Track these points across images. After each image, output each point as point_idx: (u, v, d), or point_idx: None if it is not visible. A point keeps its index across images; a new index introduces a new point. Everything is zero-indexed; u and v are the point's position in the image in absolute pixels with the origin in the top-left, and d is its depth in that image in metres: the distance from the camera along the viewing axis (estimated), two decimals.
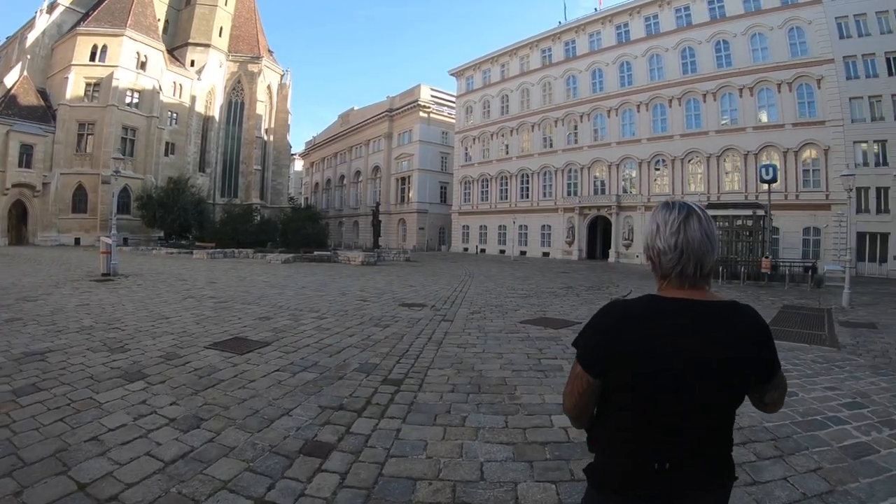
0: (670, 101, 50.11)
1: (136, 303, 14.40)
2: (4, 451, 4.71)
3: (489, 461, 4.89)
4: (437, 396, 6.78)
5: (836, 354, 10.32)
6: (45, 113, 59.39)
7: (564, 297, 19.26)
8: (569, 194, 58.00)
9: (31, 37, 64.18)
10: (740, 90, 45.70)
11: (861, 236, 38.63)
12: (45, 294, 15.80)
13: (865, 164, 39.61)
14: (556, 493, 4.36)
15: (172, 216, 55.67)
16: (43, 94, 61.63)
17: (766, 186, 34.27)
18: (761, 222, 31.47)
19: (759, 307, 17.03)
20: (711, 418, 1.86)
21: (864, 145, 40.60)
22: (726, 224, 32.31)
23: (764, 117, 44.86)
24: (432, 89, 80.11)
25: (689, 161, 48.96)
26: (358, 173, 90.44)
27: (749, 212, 32.83)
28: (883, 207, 39.44)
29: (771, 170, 34.58)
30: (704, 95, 47.95)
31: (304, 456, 4.87)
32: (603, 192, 55.31)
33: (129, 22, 62.61)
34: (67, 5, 66.34)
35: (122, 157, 25.32)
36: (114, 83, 60.71)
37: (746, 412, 6.04)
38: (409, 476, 4.56)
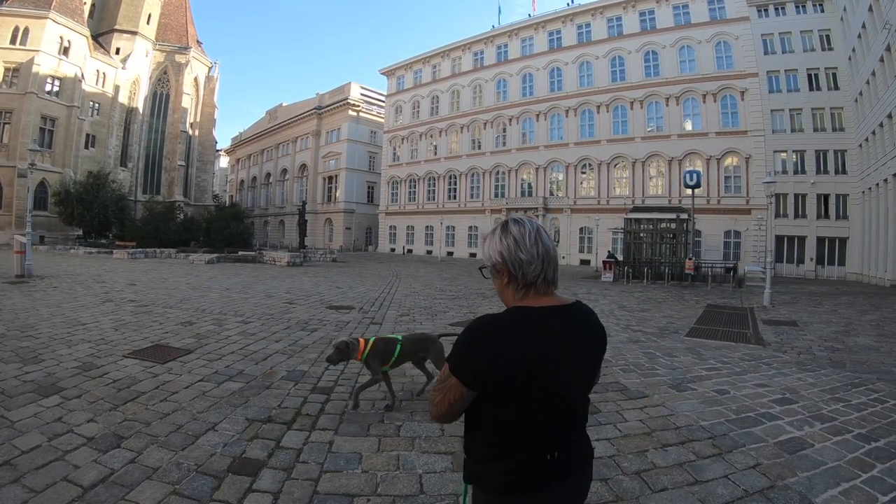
0: (598, 107, 51.30)
1: (51, 307, 13.79)
2: None
3: (428, 472, 4.84)
4: (369, 405, 6.65)
5: (763, 352, 10.71)
6: None
7: (493, 298, 19.12)
8: (496, 196, 58.72)
9: None
10: (667, 99, 47.19)
11: (780, 239, 40.36)
12: None
13: (784, 171, 41.43)
14: None
15: (92, 213, 53.37)
16: None
17: (689, 191, 35.22)
18: (685, 225, 32.26)
19: (683, 307, 17.80)
20: (584, 404, 2.19)
21: (783, 154, 42.53)
22: (651, 227, 33.36)
23: (689, 126, 46.31)
24: (363, 88, 80.00)
25: (616, 165, 50.19)
26: (285, 171, 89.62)
27: (673, 215, 33.73)
28: (800, 212, 41.69)
29: (695, 176, 35.52)
30: (632, 103, 49.26)
31: (232, 475, 4.69)
32: (530, 194, 56.14)
33: (53, 4, 59.34)
34: None
35: (39, 148, 24.14)
36: (34, 69, 57.63)
37: (682, 411, 6.64)
38: (345, 493, 4.44)
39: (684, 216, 32.95)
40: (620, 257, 34.74)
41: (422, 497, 4.42)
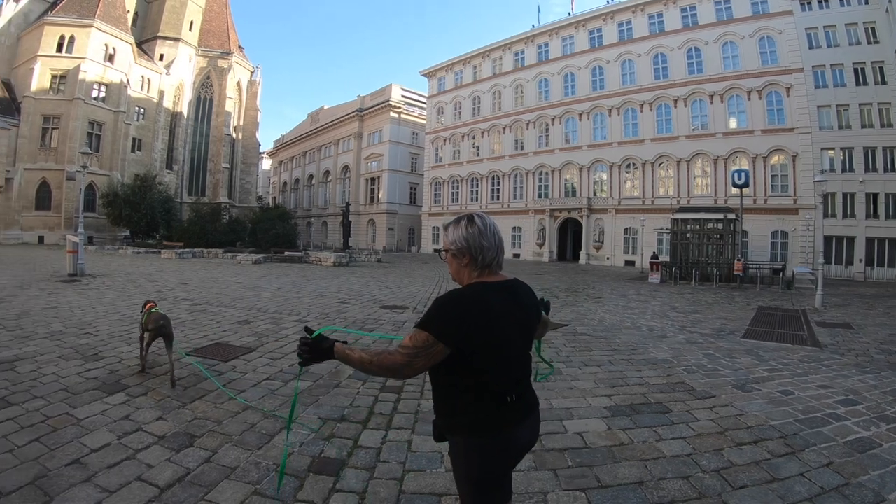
0: (642, 105, 50.34)
1: (106, 305, 13.89)
2: None
3: (512, 471, 4.68)
4: None
5: (821, 354, 10.47)
6: (9, 105, 57.93)
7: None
8: (539, 196, 57.92)
9: None
10: (711, 96, 46.12)
11: (828, 240, 38.85)
12: (9, 296, 15.19)
13: (832, 170, 40.01)
14: (587, 502, 4.34)
15: (139, 214, 54.43)
16: (7, 85, 60.17)
17: (736, 191, 34.57)
18: (732, 226, 31.43)
19: (735, 308, 17.43)
20: (527, 356, 2.73)
21: (830, 152, 41.22)
22: (697, 227, 32.45)
23: (734, 123, 45.19)
24: (403, 89, 79.54)
25: (660, 165, 49.21)
26: (327, 173, 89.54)
27: (720, 215, 32.90)
28: (849, 212, 40.31)
29: (743, 175, 34.85)
30: (676, 101, 48.20)
31: (314, 475, 4.63)
32: (573, 194, 55.27)
33: (98, 13, 61.17)
34: None
35: (89, 151, 24.47)
36: (81, 76, 59.37)
37: (751, 411, 6.59)
38: (431, 492, 4.38)
39: (732, 216, 32.17)
40: (666, 258, 34.16)
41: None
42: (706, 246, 32.03)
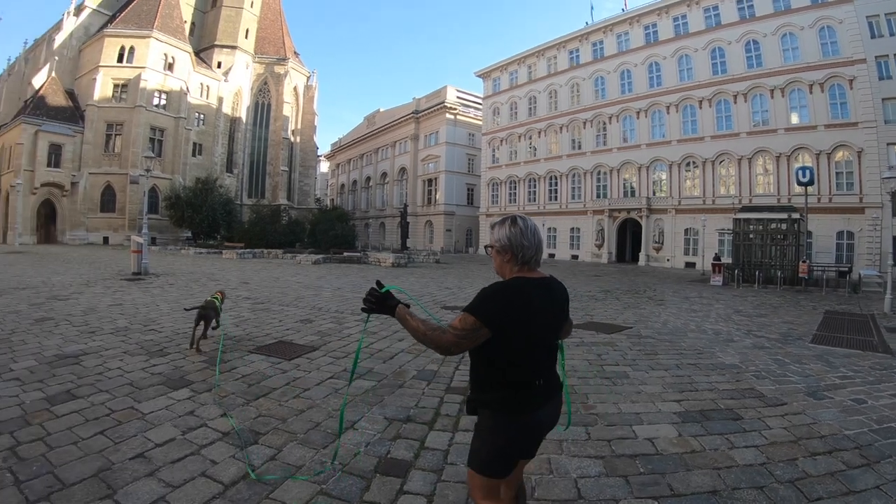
0: (700, 102, 48.97)
1: (170, 303, 14.08)
2: (40, 469, 4.30)
3: (583, 477, 4.62)
4: None
5: (893, 361, 9.87)
6: (73, 113, 60.23)
7: (605, 301, 18.66)
8: (598, 196, 56.93)
9: (59, 38, 65.48)
10: (771, 91, 44.54)
11: None
12: (76, 293, 15.52)
13: None
14: None
15: (201, 216, 56.02)
16: (71, 94, 62.59)
17: (801, 189, 33.50)
18: (796, 226, 30.48)
19: (801, 312, 16.80)
20: (555, 346, 2.98)
21: None
22: (760, 228, 31.49)
23: (795, 119, 43.54)
24: (458, 91, 79.44)
25: (720, 163, 47.83)
26: (384, 175, 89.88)
27: (784, 215, 31.70)
28: None
29: (808, 172, 33.76)
30: (735, 96, 46.76)
31: (381, 476, 4.47)
32: (632, 194, 54.19)
33: (155, 24, 63.46)
34: (94, 7, 67.65)
35: (152, 155, 25.06)
36: (141, 84, 61.49)
37: (824, 420, 6.25)
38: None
39: (796, 216, 31.17)
40: (728, 260, 33.28)
41: (581, 502, 4.22)
42: (769, 247, 31.03)
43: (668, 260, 49.88)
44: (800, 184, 33.66)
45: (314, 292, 18.13)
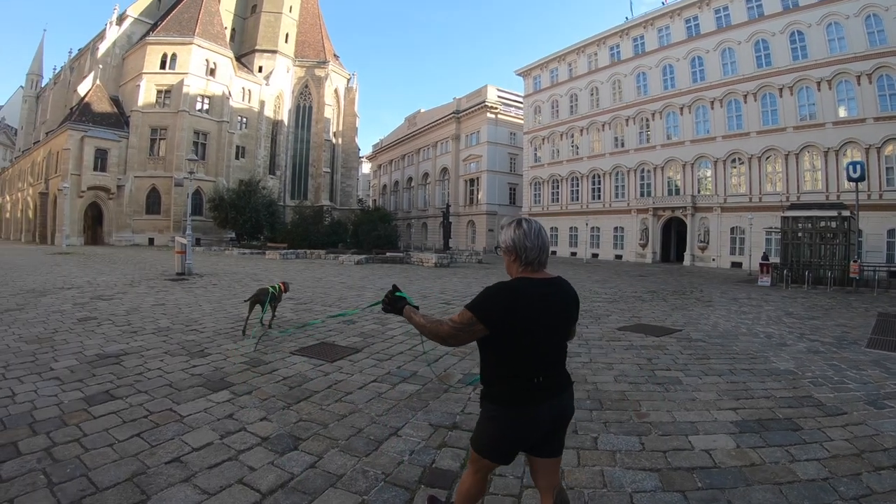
0: (745, 96, 47.83)
1: (213, 303, 14.05)
2: (74, 471, 4.18)
3: (638, 491, 4.33)
4: None
5: None
6: (118, 119, 61.55)
7: (652, 302, 18.24)
8: (642, 195, 56.11)
9: (103, 48, 67.26)
10: (818, 83, 43.15)
11: None
12: (120, 293, 15.61)
13: None
14: None
15: (244, 217, 56.56)
16: (116, 101, 64.11)
17: (851, 185, 32.46)
18: (846, 224, 29.46)
19: (854, 314, 16.11)
20: (560, 346, 3.05)
21: None
22: (808, 226, 30.51)
23: (843, 112, 42.21)
24: (499, 90, 79.12)
25: (766, 159, 46.73)
26: (426, 175, 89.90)
27: (834, 213, 30.56)
28: None
29: (858, 167, 32.44)
30: (780, 90, 45.47)
31: (425, 487, 4.24)
32: (677, 192, 53.21)
33: (196, 30, 64.59)
34: (136, 17, 69.38)
35: (195, 158, 25.45)
36: (184, 90, 62.58)
37: (887, 431, 5.84)
38: None
39: (846, 213, 29.94)
40: (775, 260, 32.42)
41: None
42: (818, 246, 30.11)
43: (713, 260, 48.92)
44: (850, 180, 32.36)
45: (357, 293, 17.97)
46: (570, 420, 3.18)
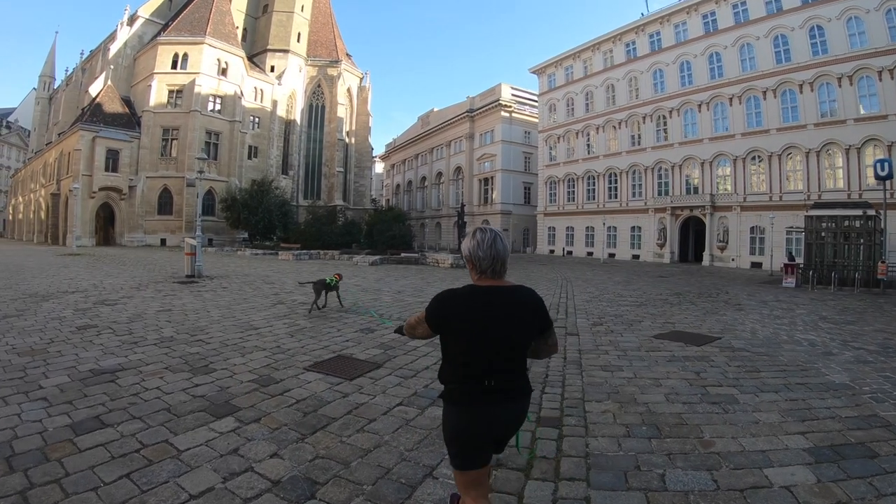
0: (764, 92, 46.92)
1: (221, 309, 13.35)
2: None
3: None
4: (613, 443, 5.27)
5: None
6: (129, 120, 61.23)
7: (681, 305, 17.47)
8: (659, 194, 55.28)
9: (114, 48, 67.03)
10: (839, 79, 42.22)
11: None
12: (125, 297, 14.97)
13: None
14: None
15: (257, 217, 56.12)
16: (127, 101, 63.80)
17: (875, 183, 31.68)
18: (871, 223, 28.77)
19: (889, 319, 15.53)
20: (510, 353, 2.99)
21: None
22: (833, 226, 29.67)
23: (864, 108, 41.35)
24: (513, 88, 78.34)
25: (787, 157, 45.84)
26: (439, 174, 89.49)
27: (858, 212, 29.89)
28: None
29: (886, 165, 31.35)
30: (801, 86, 44.54)
31: None
32: (695, 191, 52.39)
33: (208, 30, 64.23)
34: (147, 17, 69.12)
35: (205, 157, 24.71)
36: (196, 89, 62.21)
37: None
38: None
39: (871, 212, 29.24)
40: (797, 260, 31.56)
41: None
42: (842, 246, 29.40)
43: (732, 260, 48.03)
44: (878, 178, 31.23)
45: (373, 296, 17.28)
46: (520, 427, 3.24)
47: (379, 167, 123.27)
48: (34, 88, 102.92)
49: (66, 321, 10.99)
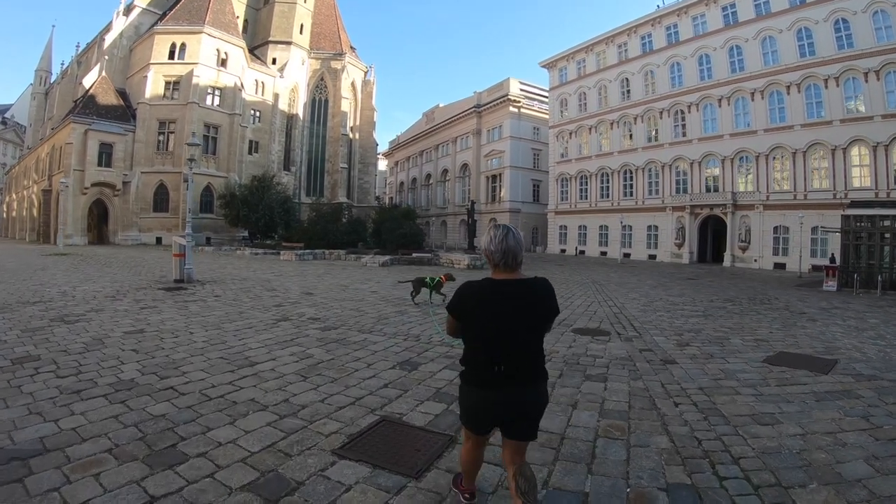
0: (788, 87, 45.08)
1: (208, 329, 10.50)
2: None
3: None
4: None
5: None
6: (124, 112, 58.65)
7: (746, 314, 15.59)
8: (677, 192, 53.41)
9: (109, 38, 64.86)
10: (865, 74, 40.61)
11: None
12: (93, 310, 12.27)
13: None
14: None
15: (257, 215, 53.50)
16: (122, 94, 61.31)
17: None
18: None
19: None
20: (524, 340, 3.29)
21: None
22: (869, 225, 27.90)
23: (892, 104, 39.78)
24: (521, 83, 76.70)
25: (812, 154, 44.05)
26: (445, 171, 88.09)
27: (894, 211, 28.31)
28: None
29: None
30: (826, 80, 42.81)
31: None
32: (715, 189, 50.54)
33: (207, 19, 61.77)
34: (144, 6, 66.62)
35: (197, 143, 21.92)
36: (194, 80, 59.63)
37: None
38: None
39: None
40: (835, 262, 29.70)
41: None
42: (879, 247, 27.54)
43: (755, 260, 46.33)
44: None
45: (397, 308, 14.32)
46: (541, 413, 3.44)
47: (382, 165, 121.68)
48: (31, 84, 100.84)
49: (6, 347, 8.32)
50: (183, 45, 60.95)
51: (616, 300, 18.25)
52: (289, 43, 73.72)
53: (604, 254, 59.07)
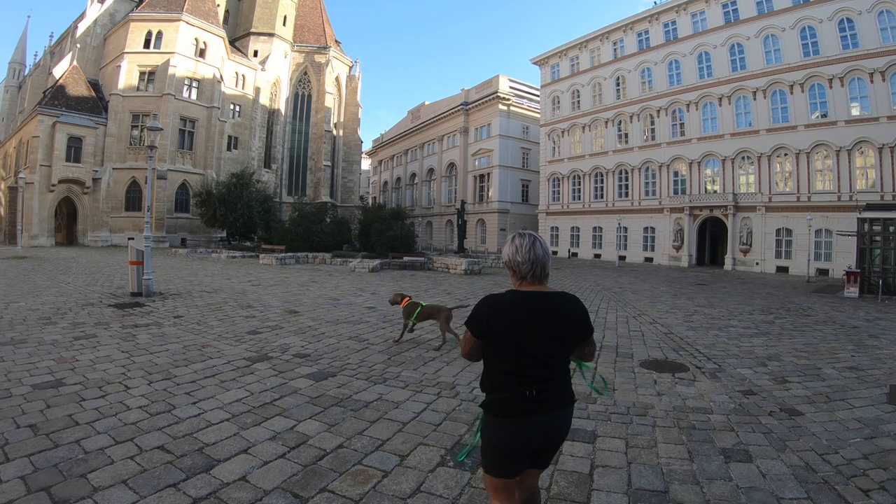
0: (791, 86, 43.83)
1: (153, 381, 7.41)
2: None
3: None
4: None
5: None
6: (95, 104, 56.13)
7: (798, 330, 14.13)
8: (675, 192, 51.90)
9: (82, 26, 62.17)
10: (871, 74, 39.55)
11: None
12: (11, 342, 9.44)
13: None
14: None
15: (235, 214, 50.83)
16: (95, 85, 58.96)
17: None
18: None
19: None
20: (554, 363, 2.92)
21: None
22: (880, 228, 27.36)
23: None
24: (511, 80, 75.06)
25: (816, 155, 42.79)
26: (431, 171, 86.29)
27: None
28: None
29: None
30: (830, 80, 41.59)
31: None
32: (715, 190, 49.24)
33: (185, 6, 59.48)
34: None
35: (159, 127, 19.00)
36: (170, 70, 57.22)
37: None
38: None
39: None
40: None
41: None
42: (893, 252, 26.92)
43: (757, 263, 45.06)
44: None
45: (407, 335, 11.28)
46: (564, 440, 3.16)
47: (365, 164, 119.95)
48: (3, 78, 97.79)
49: None
50: (159, 34, 58.67)
51: (649, 313, 16.17)
52: (271, 35, 72.24)
53: (597, 256, 57.64)
